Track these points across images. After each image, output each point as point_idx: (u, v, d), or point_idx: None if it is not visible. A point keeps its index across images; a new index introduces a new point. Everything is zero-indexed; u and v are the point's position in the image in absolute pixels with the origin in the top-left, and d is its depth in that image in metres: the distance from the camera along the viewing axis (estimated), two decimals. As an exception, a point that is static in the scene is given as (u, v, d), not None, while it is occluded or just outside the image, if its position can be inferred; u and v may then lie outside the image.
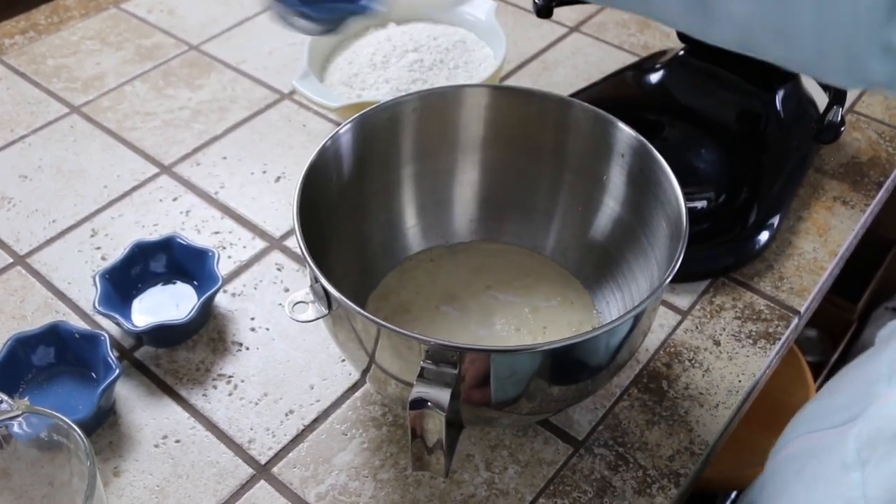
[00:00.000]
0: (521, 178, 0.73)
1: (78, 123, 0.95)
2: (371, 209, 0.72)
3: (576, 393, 0.61)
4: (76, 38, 1.07)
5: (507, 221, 0.76)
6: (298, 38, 1.06)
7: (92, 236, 0.82)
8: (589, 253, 0.72)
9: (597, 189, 0.70)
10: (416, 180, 0.73)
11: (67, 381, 0.69)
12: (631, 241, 0.68)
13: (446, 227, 0.76)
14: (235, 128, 0.95)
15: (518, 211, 0.75)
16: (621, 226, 0.69)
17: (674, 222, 0.60)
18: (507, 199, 0.75)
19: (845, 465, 0.49)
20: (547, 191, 0.73)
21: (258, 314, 0.76)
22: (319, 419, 0.68)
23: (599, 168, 0.69)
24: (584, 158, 0.70)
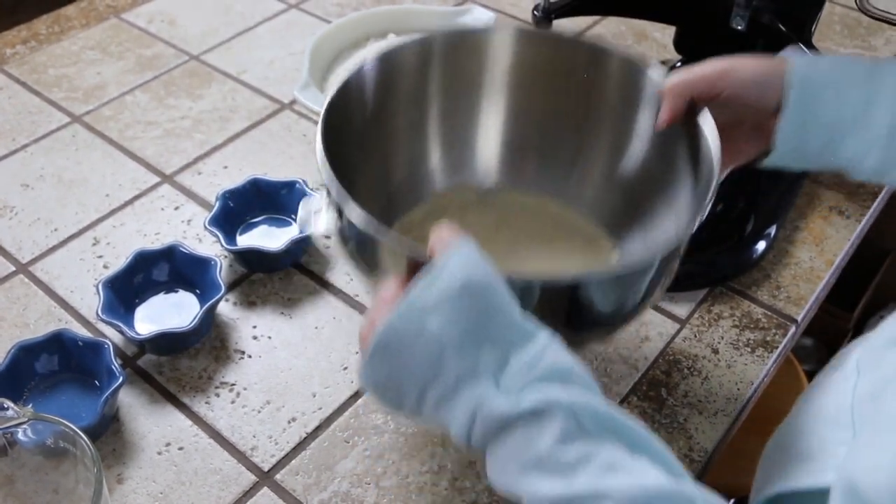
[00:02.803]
0: (547, 123, 0.71)
1: (79, 133, 0.96)
2: (396, 145, 0.69)
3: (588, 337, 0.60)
4: (77, 48, 1.08)
5: (532, 166, 0.73)
6: (299, 49, 1.07)
7: (94, 245, 0.83)
8: (614, 201, 0.70)
9: (624, 135, 0.68)
10: (441, 119, 0.71)
11: (71, 388, 0.69)
12: (657, 189, 0.65)
13: (471, 169, 0.73)
14: (236, 137, 0.95)
15: (543, 156, 0.72)
16: (648, 173, 0.67)
17: (704, 165, 0.59)
18: (532, 144, 0.72)
19: (845, 377, 0.59)
20: (573, 136, 0.71)
21: (260, 322, 0.76)
22: (322, 427, 0.69)
23: (627, 114, 0.67)
24: (613, 104, 0.68)
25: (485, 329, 0.46)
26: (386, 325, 0.46)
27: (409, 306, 0.46)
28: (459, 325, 0.45)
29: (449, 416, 0.46)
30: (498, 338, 0.46)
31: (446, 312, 0.46)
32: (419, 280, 0.46)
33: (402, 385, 0.47)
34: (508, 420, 0.44)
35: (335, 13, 1.15)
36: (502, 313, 0.46)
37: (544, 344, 0.46)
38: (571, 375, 0.46)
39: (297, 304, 0.77)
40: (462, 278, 0.46)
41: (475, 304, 0.46)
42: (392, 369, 0.47)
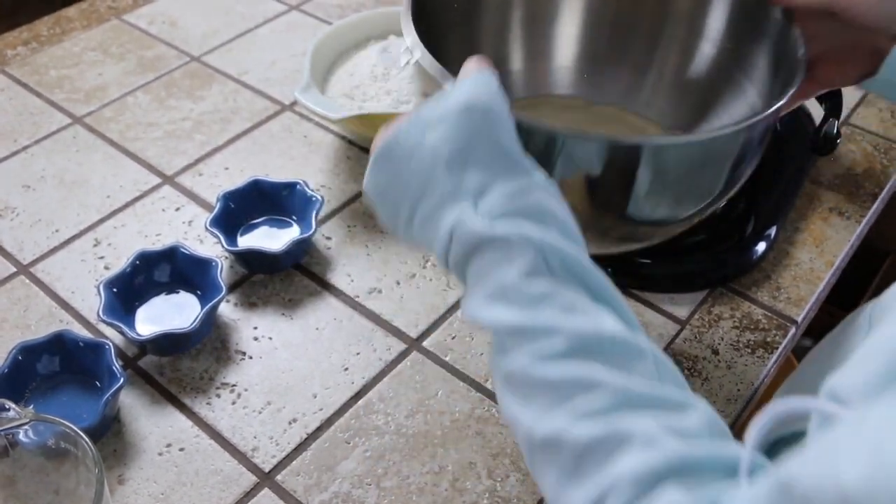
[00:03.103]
0: (621, 33, 0.73)
1: (80, 134, 0.96)
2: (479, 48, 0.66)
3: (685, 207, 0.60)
4: (78, 49, 1.08)
5: (606, 77, 0.75)
6: (300, 50, 1.07)
7: (95, 246, 0.83)
8: (686, 108, 0.71)
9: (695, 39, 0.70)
10: (523, 26, 0.74)
11: (72, 389, 0.69)
12: (729, 85, 0.67)
13: (548, 79, 0.75)
14: (237, 139, 0.95)
15: (618, 66, 0.74)
16: (718, 70, 0.69)
17: (783, 49, 0.61)
18: (606, 54, 0.74)
19: (856, 330, 0.60)
20: (646, 45, 0.73)
21: (261, 323, 0.76)
22: (322, 427, 0.69)
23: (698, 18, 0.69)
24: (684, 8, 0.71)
25: (474, 151, 0.47)
26: (392, 134, 0.49)
27: (416, 119, 0.48)
28: (452, 143, 0.47)
29: (432, 234, 0.48)
30: (486, 163, 0.47)
31: (444, 129, 0.47)
32: (431, 98, 0.49)
33: (397, 197, 0.49)
34: (481, 240, 0.46)
35: (336, 14, 1.15)
36: (495, 141, 0.48)
37: (533, 182, 0.47)
38: (551, 218, 0.47)
39: (298, 305, 0.78)
40: (466, 99, 0.48)
41: (471, 125, 0.47)
42: (390, 178, 0.49)
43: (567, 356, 0.43)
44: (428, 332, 0.75)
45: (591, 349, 0.43)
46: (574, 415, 0.42)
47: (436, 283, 0.80)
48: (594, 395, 0.42)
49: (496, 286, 0.45)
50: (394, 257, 0.82)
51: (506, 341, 0.46)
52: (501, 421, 0.69)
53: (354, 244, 0.83)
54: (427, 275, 0.80)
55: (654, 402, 0.42)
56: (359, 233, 0.84)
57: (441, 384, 0.72)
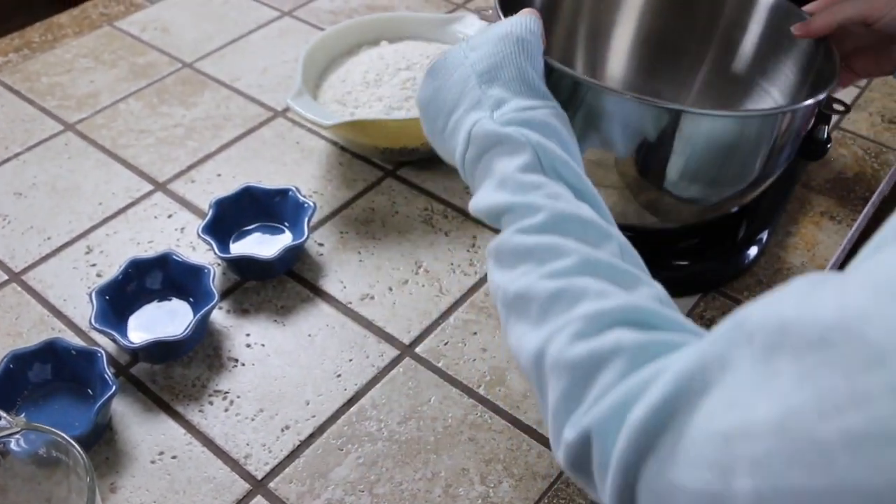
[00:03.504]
0: (667, 48, 0.85)
1: (72, 141, 0.96)
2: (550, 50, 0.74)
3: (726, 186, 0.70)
4: (70, 56, 1.08)
5: (656, 84, 0.86)
6: (292, 56, 1.07)
7: (87, 253, 0.83)
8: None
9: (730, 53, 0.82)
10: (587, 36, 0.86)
11: (64, 397, 0.69)
12: (759, 94, 0.79)
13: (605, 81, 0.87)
14: (229, 145, 0.95)
15: (665, 75, 0.86)
16: (749, 80, 0.80)
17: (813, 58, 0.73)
18: (655, 64, 0.86)
19: None
20: (694, 57, 0.84)
21: (253, 330, 0.76)
22: (315, 434, 0.69)
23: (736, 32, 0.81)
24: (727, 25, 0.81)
25: (501, 71, 0.56)
26: (443, 53, 0.60)
27: (464, 43, 0.60)
28: (486, 61, 0.57)
29: (456, 139, 0.57)
30: (508, 83, 0.56)
31: (483, 50, 0.57)
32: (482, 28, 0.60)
33: (438, 108, 0.59)
34: (489, 138, 0.54)
35: (329, 21, 1.15)
36: (520, 68, 0.57)
37: (547, 105, 0.56)
38: (552, 131, 0.54)
39: (291, 312, 0.78)
40: (507, 30, 0.58)
41: (505, 49, 0.57)
42: (436, 89, 0.59)
43: (545, 230, 0.51)
44: (420, 339, 0.75)
45: (566, 226, 0.50)
46: (543, 274, 0.49)
47: (428, 290, 0.80)
48: (563, 260, 0.49)
49: (497, 178, 0.53)
50: (386, 263, 0.82)
51: (499, 222, 0.54)
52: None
53: (347, 250, 0.83)
54: (420, 281, 0.80)
55: (615, 272, 0.49)
56: (351, 239, 0.84)
57: (434, 390, 0.72)
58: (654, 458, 0.40)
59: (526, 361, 0.49)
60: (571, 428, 0.45)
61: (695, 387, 0.39)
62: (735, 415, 0.36)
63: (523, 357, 0.50)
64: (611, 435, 0.42)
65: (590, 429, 0.43)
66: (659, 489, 0.39)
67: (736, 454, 0.35)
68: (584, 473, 0.45)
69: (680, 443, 0.38)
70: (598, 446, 0.43)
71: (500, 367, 0.73)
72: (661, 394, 0.40)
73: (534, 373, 0.49)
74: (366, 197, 0.89)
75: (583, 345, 0.45)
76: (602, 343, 0.45)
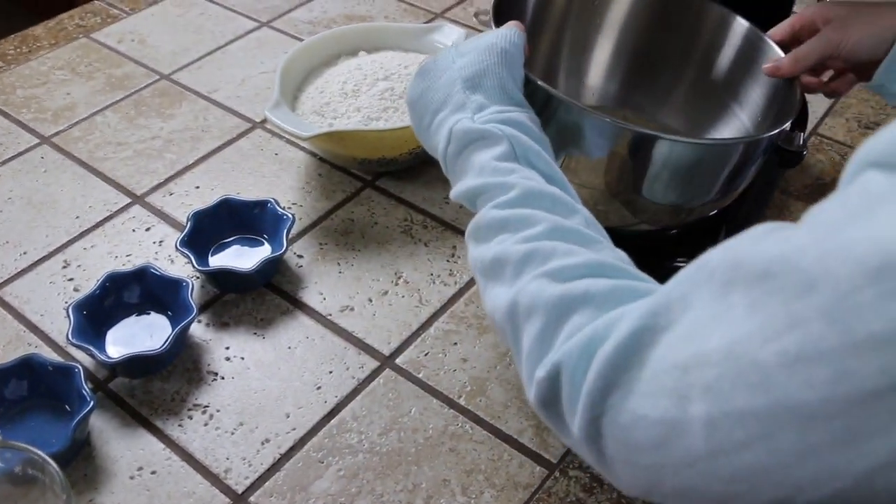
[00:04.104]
0: (646, 64, 0.87)
1: (48, 154, 0.95)
2: (533, 62, 0.80)
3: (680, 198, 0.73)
4: (46, 69, 1.07)
5: (632, 95, 0.89)
6: (270, 67, 1.07)
7: (64, 268, 0.82)
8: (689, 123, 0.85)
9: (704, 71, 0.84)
10: (569, 49, 0.88)
11: (40, 414, 0.69)
12: (725, 113, 0.82)
13: (584, 92, 0.90)
14: (208, 157, 0.95)
15: (640, 88, 0.89)
16: (718, 100, 0.83)
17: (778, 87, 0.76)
18: (632, 78, 0.89)
19: None
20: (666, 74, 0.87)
21: (233, 343, 0.76)
22: (296, 447, 0.68)
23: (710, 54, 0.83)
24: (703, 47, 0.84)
25: (484, 80, 0.62)
26: (434, 56, 0.66)
27: (454, 48, 0.65)
28: (471, 69, 0.62)
29: (439, 136, 0.61)
30: (489, 91, 0.61)
31: (469, 57, 0.63)
32: (470, 37, 0.67)
33: (426, 105, 0.63)
34: (469, 134, 0.59)
35: (306, 31, 1.15)
36: (501, 78, 0.62)
37: (521, 111, 0.61)
38: (525, 128, 0.59)
39: (270, 325, 0.77)
40: (491, 41, 0.64)
41: (488, 59, 0.62)
42: (424, 89, 0.64)
43: (517, 204, 0.55)
44: (400, 350, 0.75)
45: (537, 201, 0.55)
46: (516, 240, 0.53)
47: (408, 300, 0.79)
48: (534, 228, 0.53)
49: (476, 168, 0.58)
50: (366, 274, 0.82)
51: (475, 204, 0.58)
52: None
53: (326, 262, 0.83)
54: (399, 292, 0.80)
55: (582, 237, 0.53)
56: (330, 250, 0.84)
57: (414, 401, 0.71)
58: (620, 391, 0.42)
59: (501, 317, 0.52)
60: (543, 367, 0.47)
61: (659, 323, 0.42)
62: (693, 346, 0.39)
63: (498, 314, 0.52)
64: (580, 370, 0.45)
65: (560, 364, 0.46)
66: (623, 420, 0.42)
67: (691, 382, 0.38)
68: (553, 412, 0.48)
69: (642, 375, 0.41)
70: (568, 381, 0.46)
71: (480, 377, 0.73)
72: (628, 329, 0.42)
73: (508, 326, 0.51)
74: (345, 208, 0.89)
75: (556, 288, 0.49)
76: (573, 288, 0.48)
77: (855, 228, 0.34)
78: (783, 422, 0.35)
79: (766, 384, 0.35)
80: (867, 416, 0.33)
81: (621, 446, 0.43)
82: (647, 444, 0.41)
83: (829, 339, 0.33)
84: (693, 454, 0.39)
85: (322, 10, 1.19)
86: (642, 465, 0.42)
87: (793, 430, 0.35)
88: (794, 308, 0.35)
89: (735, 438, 0.37)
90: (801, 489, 0.36)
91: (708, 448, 0.38)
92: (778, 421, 0.35)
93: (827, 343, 0.33)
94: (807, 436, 0.34)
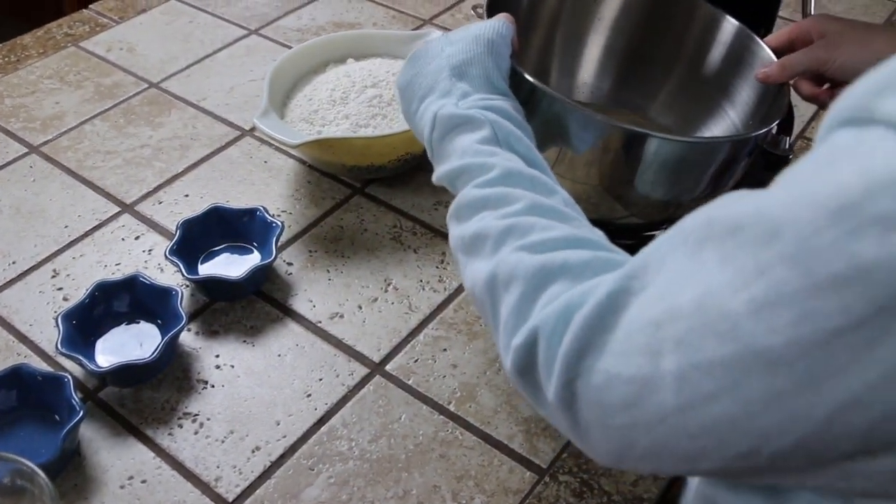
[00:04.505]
0: (637, 61, 0.88)
1: (37, 163, 0.95)
2: (526, 60, 0.83)
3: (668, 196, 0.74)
4: (34, 78, 1.07)
5: (623, 93, 0.90)
6: (259, 74, 1.07)
7: (53, 277, 0.82)
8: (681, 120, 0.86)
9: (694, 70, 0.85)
10: (561, 48, 0.89)
11: (30, 424, 0.69)
12: (715, 110, 0.83)
13: (576, 89, 0.91)
14: (197, 165, 0.95)
15: (630, 87, 0.90)
16: (708, 97, 0.83)
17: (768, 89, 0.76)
18: (622, 76, 0.90)
19: None
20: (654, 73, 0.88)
21: (223, 351, 0.76)
22: (286, 455, 0.68)
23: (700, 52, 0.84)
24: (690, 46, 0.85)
25: (470, 68, 0.64)
26: (426, 43, 0.68)
27: (444, 37, 0.67)
28: (458, 57, 0.64)
29: (424, 121, 0.63)
30: (474, 80, 0.63)
31: (458, 46, 0.65)
32: (461, 27, 0.68)
33: (414, 91, 0.65)
34: (452, 119, 0.61)
35: (295, 38, 1.15)
36: (486, 68, 0.64)
37: (504, 100, 0.63)
38: (507, 115, 0.61)
39: (260, 332, 0.77)
40: (479, 32, 0.66)
41: (476, 49, 0.64)
42: (414, 74, 0.66)
43: (497, 183, 0.56)
44: (390, 356, 0.76)
45: (517, 180, 0.56)
46: (497, 216, 0.55)
47: (398, 307, 0.80)
48: (514, 205, 0.55)
49: (458, 151, 0.60)
50: (355, 281, 0.82)
51: (457, 184, 0.59)
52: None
53: (316, 269, 0.83)
54: (389, 298, 0.80)
55: (561, 215, 0.55)
56: (320, 258, 0.84)
57: (404, 408, 0.72)
58: (595, 352, 0.43)
59: (480, 290, 0.53)
60: (520, 334, 0.49)
61: (634, 285, 0.43)
62: (665, 302, 0.40)
63: (478, 287, 0.54)
64: (556, 334, 0.46)
65: (537, 330, 0.47)
66: (597, 381, 0.43)
67: (663, 336, 0.39)
68: (530, 379, 0.49)
69: (617, 335, 0.43)
70: (544, 345, 0.47)
71: (470, 383, 0.73)
72: (604, 292, 0.44)
73: (487, 297, 0.53)
74: (334, 215, 0.89)
75: (534, 259, 0.50)
76: (552, 259, 0.50)
77: (819, 178, 0.35)
78: (749, 369, 0.36)
79: (733, 332, 0.36)
80: (827, 357, 0.34)
81: (595, 408, 0.44)
82: (619, 404, 0.42)
83: (792, 283, 0.34)
84: (664, 409, 0.40)
85: (310, 18, 1.20)
86: (615, 426, 0.43)
87: (759, 376, 0.36)
88: (761, 257, 0.36)
89: (704, 390, 0.38)
90: (766, 438, 0.37)
91: (678, 402, 0.39)
92: (745, 368, 0.36)
93: (790, 286, 0.35)
94: (772, 381, 0.36)
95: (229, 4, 1.22)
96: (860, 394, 0.34)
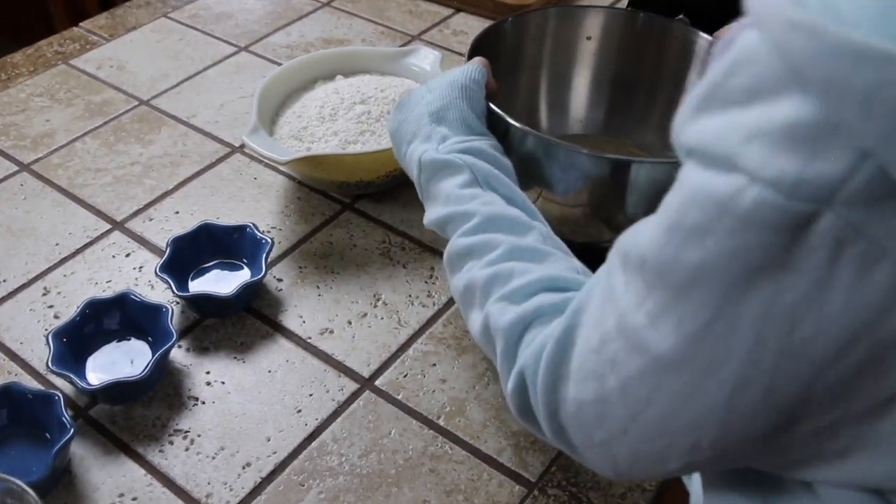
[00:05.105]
0: (622, 85, 0.92)
1: (28, 181, 0.95)
2: (517, 102, 0.89)
3: None
4: (24, 95, 1.08)
5: (611, 119, 0.93)
6: (249, 91, 1.08)
7: (44, 295, 0.82)
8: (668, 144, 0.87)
9: (678, 91, 0.87)
10: (548, 84, 0.93)
11: (20, 442, 0.69)
12: None
13: (565, 121, 0.95)
14: (187, 182, 0.96)
15: (619, 111, 0.93)
16: None
17: None
18: (609, 102, 0.93)
19: None
20: (642, 94, 0.91)
21: (213, 368, 0.76)
22: (276, 471, 0.69)
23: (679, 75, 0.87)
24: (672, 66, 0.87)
25: (447, 113, 0.69)
26: (410, 92, 0.73)
27: (424, 86, 0.73)
28: (436, 104, 0.69)
29: (412, 164, 0.68)
30: (452, 123, 0.68)
31: (436, 93, 0.70)
32: (439, 74, 0.74)
33: (402, 136, 0.71)
34: (435, 164, 0.66)
35: (284, 55, 1.16)
36: (462, 111, 0.69)
37: (481, 141, 0.67)
38: (485, 155, 0.66)
39: (250, 349, 0.78)
40: (454, 77, 0.71)
41: (451, 95, 0.70)
42: (400, 121, 0.71)
43: (479, 230, 0.62)
44: (380, 372, 0.76)
45: (496, 224, 0.62)
46: (481, 265, 0.60)
47: (387, 322, 0.80)
48: (495, 251, 0.60)
49: (443, 196, 0.65)
50: (345, 297, 0.82)
51: (446, 230, 0.65)
52: (454, 457, 0.69)
53: (305, 285, 0.84)
54: (378, 314, 0.81)
55: (537, 254, 0.60)
56: (310, 274, 0.85)
57: (394, 423, 0.72)
58: (563, 384, 0.49)
59: (480, 338, 0.60)
60: (511, 380, 0.54)
61: (580, 320, 0.48)
62: (599, 331, 0.46)
63: (477, 337, 0.60)
64: (535, 374, 0.51)
65: (522, 372, 0.53)
66: (571, 409, 0.48)
67: (602, 359, 0.45)
68: (530, 418, 0.54)
69: (573, 366, 0.48)
70: (530, 386, 0.52)
71: (459, 397, 0.74)
72: (560, 328, 0.49)
73: (486, 346, 0.60)
74: (324, 231, 0.90)
75: (512, 310, 0.56)
76: (527, 307, 0.55)
77: (664, 203, 0.42)
78: (663, 371, 0.41)
79: (643, 343, 0.42)
80: (707, 348, 0.39)
81: (578, 431, 0.49)
82: (593, 424, 0.47)
83: (664, 294, 0.41)
84: (623, 420, 0.45)
85: (299, 35, 1.21)
86: (597, 443, 0.47)
87: (670, 376, 0.41)
88: (645, 276, 0.42)
89: (641, 396, 0.43)
90: (698, 429, 0.42)
91: (628, 413, 0.44)
92: (658, 371, 0.42)
93: (664, 297, 0.41)
94: (680, 378, 0.41)
95: (219, 22, 1.23)
96: (740, 373, 0.39)
